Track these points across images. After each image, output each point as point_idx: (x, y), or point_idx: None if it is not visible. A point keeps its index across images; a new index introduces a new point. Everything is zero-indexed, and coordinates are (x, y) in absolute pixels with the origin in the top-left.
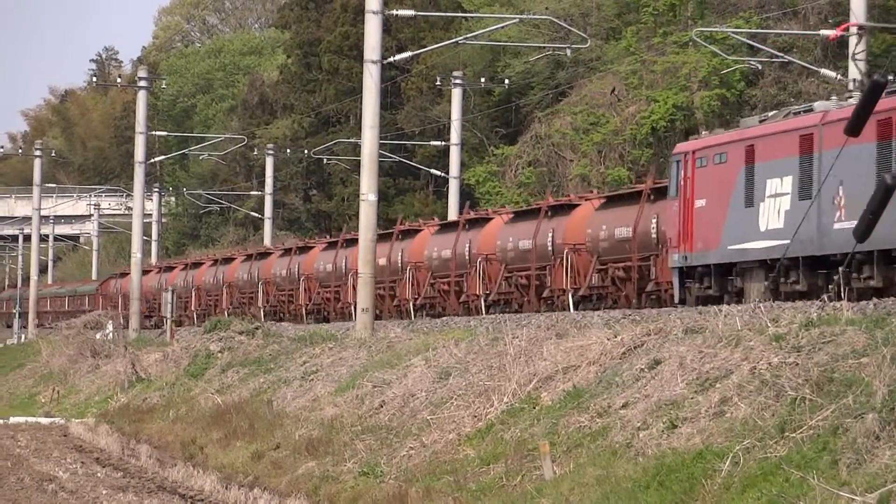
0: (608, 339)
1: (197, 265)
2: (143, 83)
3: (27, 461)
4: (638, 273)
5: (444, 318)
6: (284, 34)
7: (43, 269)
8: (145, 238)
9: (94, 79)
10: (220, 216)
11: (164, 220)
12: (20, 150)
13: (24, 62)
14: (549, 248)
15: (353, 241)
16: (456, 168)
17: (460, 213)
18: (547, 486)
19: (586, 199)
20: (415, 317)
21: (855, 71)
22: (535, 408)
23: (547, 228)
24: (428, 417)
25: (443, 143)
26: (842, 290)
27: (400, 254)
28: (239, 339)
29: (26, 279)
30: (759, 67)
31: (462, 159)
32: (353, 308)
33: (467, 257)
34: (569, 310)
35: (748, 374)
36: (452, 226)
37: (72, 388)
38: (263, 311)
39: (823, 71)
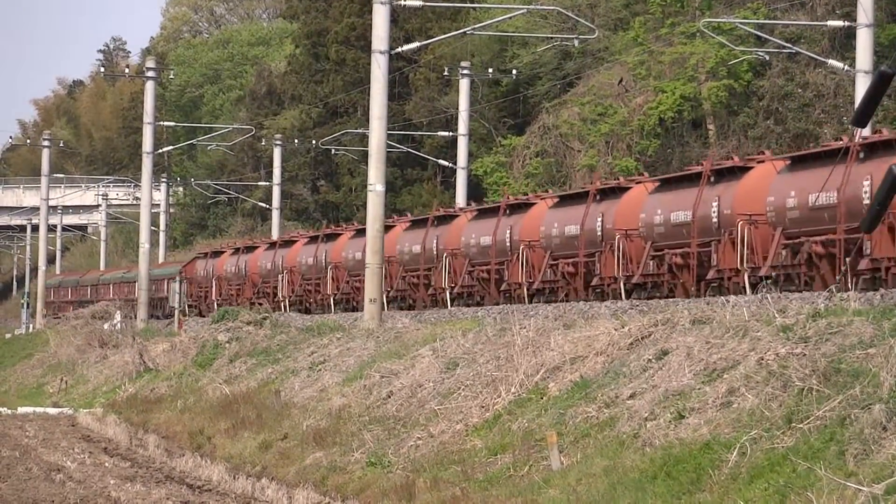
0: (616, 330)
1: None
2: (150, 73)
3: (35, 451)
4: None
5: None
6: (292, 24)
7: (51, 260)
8: (153, 228)
9: (102, 69)
10: (228, 207)
11: (172, 210)
12: (28, 141)
13: (34, 52)
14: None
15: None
16: (463, 158)
17: (467, 204)
18: (554, 477)
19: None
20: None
21: (864, 62)
22: (542, 398)
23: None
24: (435, 408)
25: (450, 133)
26: (848, 280)
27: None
28: (247, 329)
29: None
30: (767, 58)
31: (470, 150)
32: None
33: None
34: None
35: (755, 365)
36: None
37: (80, 379)
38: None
39: (831, 62)
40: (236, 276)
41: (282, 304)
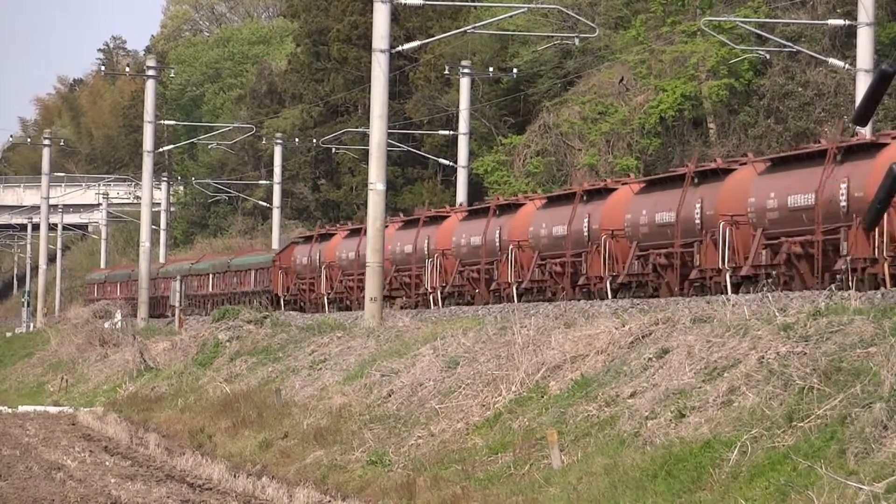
0: (616, 329)
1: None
2: (151, 72)
3: (35, 450)
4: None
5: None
6: (293, 23)
7: (51, 259)
8: (154, 227)
9: (103, 68)
10: (229, 205)
11: (172, 209)
12: (29, 140)
13: (35, 51)
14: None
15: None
16: (464, 157)
17: (469, 203)
18: (555, 476)
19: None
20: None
21: (865, 61)
22: (543, 397)
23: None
24: (436, 406)
25: (451, 132)
26: (849, 279)
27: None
28: (247, 328)
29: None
30: (768, 57)
31: (470, 148)
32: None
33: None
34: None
35: (756, 364)
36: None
37: (80, 377)
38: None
39: (832, 61)
40: (357, 263)
41: (430, 297)
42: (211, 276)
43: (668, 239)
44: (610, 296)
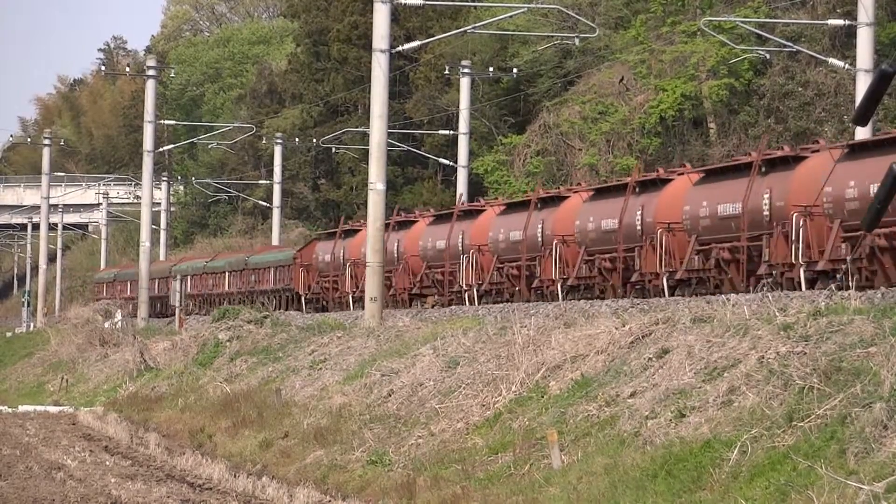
0: (616, 329)
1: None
2: (151, 72)
3: (35, 450)
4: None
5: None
6: (293, 23)
7: (51, 258)
8: (154, 227)
9: (103, 68)
10: (229, 205)
11: (172, 209)
12: (29, 139)
13: (36, 50)
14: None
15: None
16: (464, 157)
17: (471, 202)
18: (555, 475)
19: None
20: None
21: (865, 61)
22: (543, 397)
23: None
24: (436, 406)
25: (451, 132)
26: (849, 278)
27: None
28: (247, 327)
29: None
30: (768, 57)
31: (470, 148)
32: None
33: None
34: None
35: (756, 364)
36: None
37: (80, 377)
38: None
39: (832, 60)
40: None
41: (465, 295)
42: (227, 274)
43: (732, 232)
44: (667, 293)
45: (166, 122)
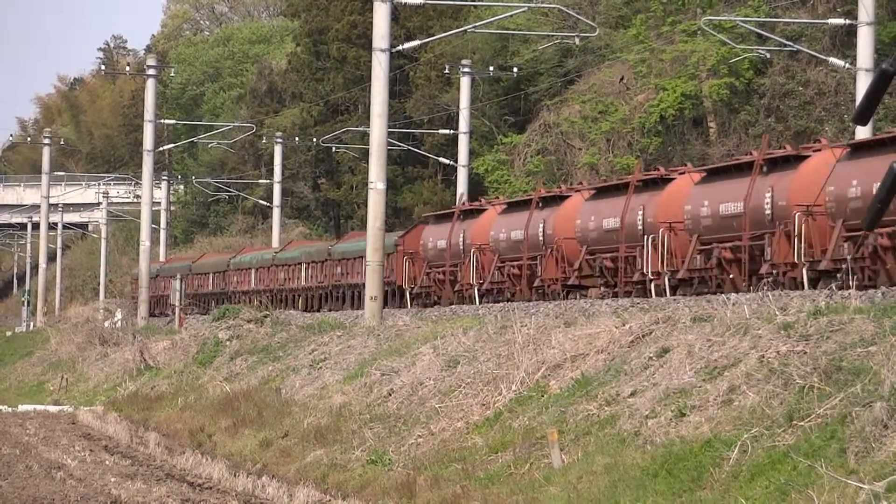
0: (616, 328)
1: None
2: (151, 71)
3: (35, 449)
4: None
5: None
6: (293, 22)
7: (51, 258)
8: (154, 226)
9: (103, 67)
10: (229, 204)
11: (172, 208)
12: (29, 139)
13: (35, 50)
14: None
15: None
16: (464, 156)
17: (472, 202)
18: (555, 475)
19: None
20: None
21: (865, 60)
22: (543, 396)
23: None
24: (436, 406)
25: (451, 131)
26: (850, 278)
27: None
28: (247, 327)
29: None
30: (768, 56)
31: (471, 147)
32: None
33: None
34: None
35: (756, 363)
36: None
37: (80, 376)
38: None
39: (832, 60)
40: (526, 245)
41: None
42: (304, 266)
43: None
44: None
45: (166, 121)
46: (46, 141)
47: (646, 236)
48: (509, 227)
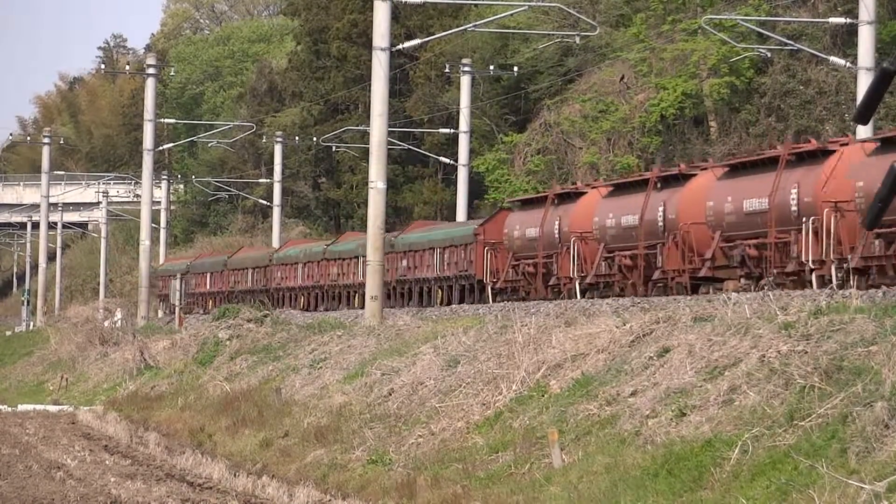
0: (617, 327)
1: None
2: (151, 71)
3: (35, 449)
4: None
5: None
6: (293, 21)
7: (51, 257)
8: (154, 226)
9: (103, 66)
10: (229, 204)
11: (172, 207)
12: (29, 138)
13: (34, 49)
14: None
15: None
16: (465, 156)
17: (470, 205)
18: (555, 474)
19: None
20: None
21: (866, 59)
22: (543, 396)
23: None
24: (436, 405)
25: (451, 130)
26: (851, 277)
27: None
28: (247, 326)
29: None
30: (769, 55)
31: (471, 147)
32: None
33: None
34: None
35: (757, 363)
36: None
37: (80, 376)
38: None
39: (833, 59)
40: (641, 233)
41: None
42: (362, 260)
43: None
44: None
45: (166, 120)
46: (46, 140)
47: (804, 219)
48: (619, 211)
